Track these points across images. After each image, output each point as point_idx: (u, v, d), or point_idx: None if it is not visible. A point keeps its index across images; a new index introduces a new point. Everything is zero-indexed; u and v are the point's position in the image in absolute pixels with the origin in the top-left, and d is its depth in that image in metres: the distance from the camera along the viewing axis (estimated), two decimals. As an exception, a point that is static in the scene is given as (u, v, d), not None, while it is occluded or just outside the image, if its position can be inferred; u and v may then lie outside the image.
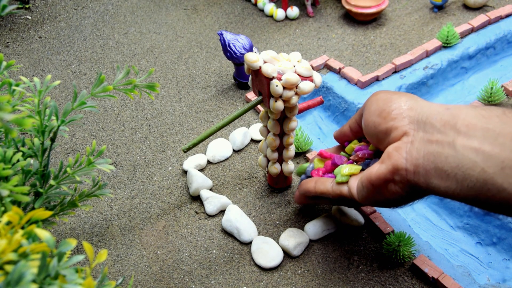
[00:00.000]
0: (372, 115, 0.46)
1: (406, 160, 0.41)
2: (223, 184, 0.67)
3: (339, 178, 0.49)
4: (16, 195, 0.38)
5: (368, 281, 0.55)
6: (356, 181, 0.48)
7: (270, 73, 0.51)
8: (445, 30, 0.81)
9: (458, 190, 0.38)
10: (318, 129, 0.79)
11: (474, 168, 0.37)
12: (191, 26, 0.99)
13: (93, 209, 0.65)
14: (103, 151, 0.49)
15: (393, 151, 0.42)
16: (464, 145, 0.37)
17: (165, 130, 0.76)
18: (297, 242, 0.58)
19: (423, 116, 0.42)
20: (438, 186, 0.39)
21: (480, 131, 0.37)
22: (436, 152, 0.39)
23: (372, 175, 0.44)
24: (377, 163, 0.44)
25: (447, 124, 0.39)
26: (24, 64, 0.92)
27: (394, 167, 0.42)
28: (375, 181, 0.44)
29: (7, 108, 0.26)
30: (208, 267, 0.58)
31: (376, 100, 0.47)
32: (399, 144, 0.42)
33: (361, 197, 0.47)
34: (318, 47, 0.89)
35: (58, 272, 0.28)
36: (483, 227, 0.61)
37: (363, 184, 0.45)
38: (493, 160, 0.36)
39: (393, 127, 0.43)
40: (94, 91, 0.47)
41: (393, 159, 0.42)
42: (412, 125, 0.42)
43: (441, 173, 0.39)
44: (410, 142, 0.41)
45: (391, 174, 0.42)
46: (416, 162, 0.40)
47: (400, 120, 0.43)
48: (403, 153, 0.41)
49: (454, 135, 0.38)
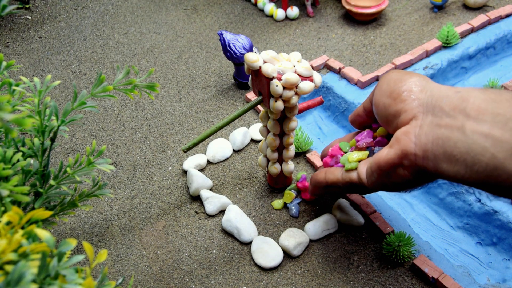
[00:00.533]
0: (382, 95, 0.46)
1: (415, 145, 0.41)
2: (223, 184, 0.67)
3: (348, 165, 0.49)
4: (16, 195, 0.38)
5: (368, 281, 0.55)
6: (365, 166, 0.48)
7: (270, 73, 0.51)
8: (445, 30, 0.81)
9: (468, 175, 0.38)
10: (318, 129, 0.79)
11: (484, 153, 0.36)
12: (191, 26, 0.99)
13: (93, 209, 0.65)
14: (103, 151, 0.49)
15: (402, 136, 0.42)
16: (474, 129, 0.37)
17: (165, 130, 0.76)
18: (297, 242, 0.58)
19: (433, 99, 0.41)
20: (447, 171, 0.39)
21: (490, 115, 0.37)
22: (445, 137, 0.39)
23: (381, 160, 0.44)
24: (386, 147, 0.44)
25: (457, 108, 0.39)
26: (24, 64, 0.92)
27: (403, 151, 0.41)
28: (384, 165, 0.43)
29: (7, 108, 0.26)
30: (208, 267, 0.58)
31: (387, 80, 0.46)
32: (407, 128, 0.42)
33: (371, 182, 0.46)
34: (318, 47, 0.89)
35: (58, 272, 0.28)
36: (483, 227, 0.61)
37: (372, 169, 0.45)
38: (503, 145, 0.35)
39: (402, 109, 0.43)
40: (94, 91, 0.47)
41: (402, 143, 0.42)
42: (421, 108, 0.42)
43: (450, 157, 0.38)
44: (419, 126, 0.41)
45: (400, 159, 0.42)
46: (425, 147, 0.40)
47: (410, 102, 0.42)
48: (412, 137, 0.41)
49: (463, 119, 0.38)
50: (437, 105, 0.40)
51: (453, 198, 0.63)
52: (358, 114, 0.53)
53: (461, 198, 0.62)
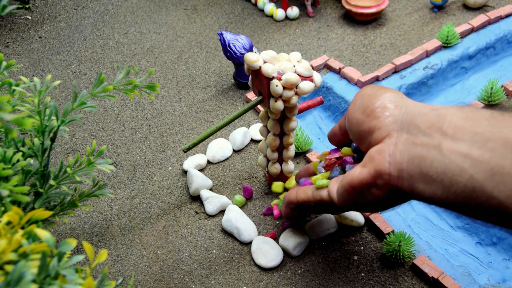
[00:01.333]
0: (356, 111, 0.44)
1: (389, 164, 0.39)
2: (223, 184, 0.67)
3: (318, 183, 0.49)
4: (16, 195, 0.38)
5: (368, 281, 0.55)
6: (335, 185, 0.46)
7: (270, 73, 0.51)
8: (445, 30, 0.81)
9: (444, 196, 0.36)
10: (318, 129, 0.79)
11: (462, 174, 0.34)
12: (191, 26, 0.99)
13: (93, 209, 0.65)
14: (103, 151, 0.49)
15: (375, 154, 0.40)
16: (451, 149, 0.35)
17: (165, 130, 0.76)
18: (297, 242, 0.58)
19: (408, 116, 0.40)
20: (423, 191, 0.38)
21: (468, 134, 0.35)
22: (421, 156, 0.37)
23: (354, 179, 0.42)
24: (359, 165, 0.43)
25: (433, 126, 0.37)
26: (24, 64, 0.92)
27: (376, 171, 0.40)
28: (357, 185, 0.42)
29: (7, 108, 0.26)
30: (208, 267, 0.58)
31: (361, 96, 0.45)
32: (381, 146, 0.40)
33: (342, 200, 0.45)
34: (318, 47, 0.89)
35: (58, 272, 0.28)
36: (483, 227, 0.61)
37: (344, 187, 0.44)
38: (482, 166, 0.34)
39: (376, 126, 0.41)
40: (94, 91, 0.47)
41: (375, 162, 0.40)
42: (396, 125, 0.40)
43: (427, 178, 0.37)
44: (393, 144, 0.39)
45: (374, 178, 0.40)
46: (400, 167, 0.38)
47: (384, 119, 0.41)
48: (386, 156, 0.39)
49: (440, 138, 0.36)
50: (412, 122, 0.39)
51: (453, 198, 0.63)
52: (334, 133, 0.52)
53: (461, 198, 0.62)
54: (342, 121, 0.51)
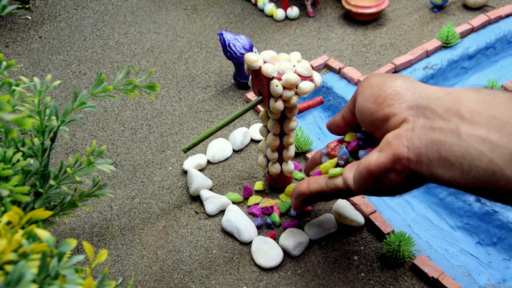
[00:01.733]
0: (366, 101, 0.44)
1: (407, 149, 0.39)
2: (223, 184, 0.67)
3: (332, 171, 0.48)
4: (16, 195, 0.38)
5: (368, 281, 0.55)
6: (351, 171, 0.46)
7: (270, 73, 0.51)
8: (445, 30, 0.81)
9: (464, 180, 0.36)
10: (318, 129, 0.79)
11: (481, 158, 0.35)
12: (191, 26, 0.99)
13: (93, 209, 0.65)
14: (103, 151, 0.49)
15: (392, 139, 0.40)
16: (469, 133, 0.35)
17: (165, 130, 0.76)
18: (297, 242, 0.58)
19: (423, 101, 0.39)
20: (442, 176, 0.38)
21: (485, 118, 0.35)
22: (439, 140, 0.37)
23: (372, 165, 0.41)
24: (375, 151, 0.42)
25: (450, 110, 0.37)
26: (24, 64, 0.92)
27: (395, 156, 0.40)
28: (375, 170, 0.41)
29: (7, 108, 0.26)
30: (208, 267, 0.58)
31: (369, 85, 0.44)
32: (399, 131, 0.40)
33: (359, 187, 0.45)
34: (318, 47, 0.89)
35: (58, 272, 0.28)
36: (483, 227, 0.61)
37: (361, 174, 0.43)
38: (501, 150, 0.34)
39: (391, 113, 0.41)
40: (94, 91, 0.47)
41: (393, 147, 0.40)
42: (411, 111, 0.40)
43: (445, 162, 0.37)
44: (410, 129, 0.39)
45: (392, 164, 0.40)
46: (418, 151, 0.38)
47: (398, 106, 0.41)
48: (404, 141, 0.39)
49: (458, 122, 0.36)
50: (428, 107, 0.39)
51: (453, 198, 0.63)
52: (337, 124, 0.52)
53: (461, 198, 0.62)
54: (346, 113, 0.50)
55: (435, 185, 0.65)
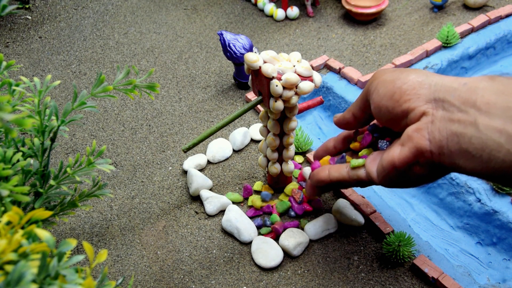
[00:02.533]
0: (383, 99, 0.44)
1: (429, 142, 0.39)
2: (223, 184, 0.67)
3: (354, 162, 0.48)
4: (16, 195, 0.38)
5: (368, 281, 0.55)
6: (374, 164, 0.46)
7: (270, 73, 0.51)
8: (445, 30, 0.81)
9: (484, 170, 0.37)
10: (318, 129, 0.79)
11: (499, 149, 0.35)
12: (191, 26, 0.99)
13: (93, 209, 0.65)
14: (103, 151, 0.49)
15: (413, 133, 0.41)
16: (487, 125, 0.36)
17: (165, 130, 0.76)
18: (297, 242, 0.58)
19: (440, 94, 0.40)
20: (463, 167, 0.38)
21: (501, 110, 0.36)
22: (459, 133, 0.38)
23: (395, 159, 0.42)
24: (397, 145, 0.43)
25: (467, 102, 0.38)
26: (24, 64, 0.92)
27: (417, 149, 0.40)
28: (399, 164, 0.42)
29: (7, 108, 0.26)
30: (208, 267, 0.58)
31: (383, 83, 0.45)
32: (419, 125, 0.40)
33: (382, 180, 0.45)
34: (318, 47, 0.89)
35: (58, 272, 0.28)
36: (483, 227, 0.61)
37: (385, 168, 0.44)
38: None
39: (409, 108, 0.41)
40: (94, 91, 0.47)
41: (415, 141, 0.40)
42: (430, 104, 0.40)
43: (466, 154, 0.37)
44: (430, 122, 0.40)
45: (415, 157, 0.41)
46: (440, 144, 0.39)
47: (416, 100, 0.41)
48: (425, 134, 0.40)
49: (475, 114, 0.37)
50: (445, 99, 0.39)
51: (453, 198, 0.63)
52: (347, 121, 0.52)
53: (461, 198, 0.62)
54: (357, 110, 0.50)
55: (435, 185, 0.65)
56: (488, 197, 0.61)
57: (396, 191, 0.68)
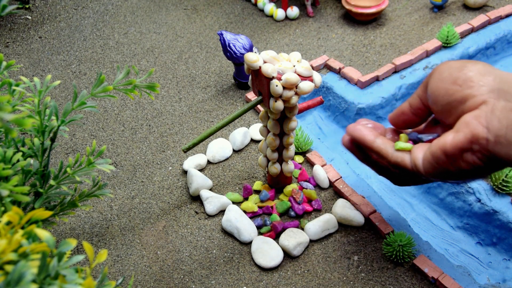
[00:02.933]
0: (444, 82, 0.43)
1: (487, 130, 0.39)
2: (223, 184, 0.67)
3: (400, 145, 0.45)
4: (16, 195, 0.38)
5: (368, 281, 0.55)
6: (421, 152, 0.45)
7: (270, 73, 0.51)
8: (445, 30, 0.81)
9: None
10: (318, 129, 0.79)
11: None
12: (191, 26, 0.99)
13: (93, 209, 0.65)
14: (103, 151, 0.49)
15: (471, 119, 0.40)
16: None
17: (165, 130, 0.76)
18: (297, 242, 0.58)
19: (504, 86, 0.40)
20: None
21: None
22: None
23: (447, 144, 0.41)
24: (451, 132, 0.42)
25: None
26: (24, 64, 0.92)
27: (473, 135, 0.40)
28: (451, 150, 0.41)
29: (7, 108, 0.26)
30: (208, 267, 0.58)
31: (448, 68, 0.44)
32: (478, 112, 0.40)
33: (429, 168, 0.43)
34: (318, 47, 0.89)
35: (58, 272, 0.28)
36: (483, 227, 0.61)
37: (434, 154, 0.42)
38: None
39: (470, 95, 0.41)
40: (94, 91, 0.47)
41: (471, 127, 0.40)
42: (492, 93, 0.40)
43: None
44: (490, 111, 0.39)
45: (470, 143, 0.40)
46: (498, 133, 0.39)
47: (478, 88, 0.41)
48: (483, 121, 0.39)
49: None
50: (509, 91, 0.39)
51: (453, 198, 0.63)
52: (403, 112, 0.49)
53: (461, 198, 0.62)
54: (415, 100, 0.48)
55: (435, 185, 0.65)
56: (488, 197, 0.61)
57: (396, 191, 0.68)
